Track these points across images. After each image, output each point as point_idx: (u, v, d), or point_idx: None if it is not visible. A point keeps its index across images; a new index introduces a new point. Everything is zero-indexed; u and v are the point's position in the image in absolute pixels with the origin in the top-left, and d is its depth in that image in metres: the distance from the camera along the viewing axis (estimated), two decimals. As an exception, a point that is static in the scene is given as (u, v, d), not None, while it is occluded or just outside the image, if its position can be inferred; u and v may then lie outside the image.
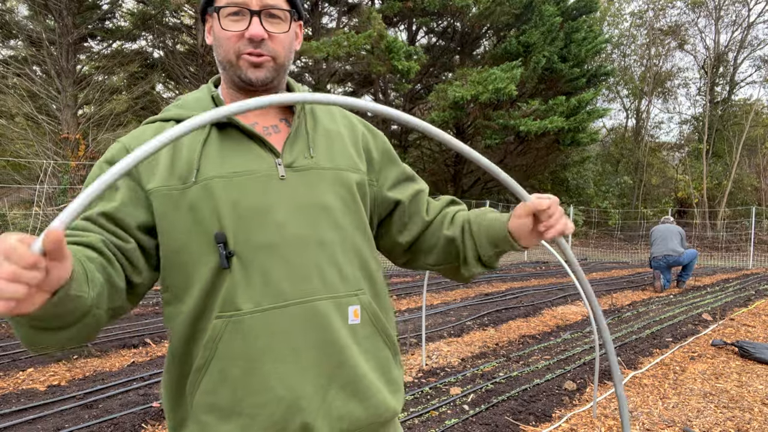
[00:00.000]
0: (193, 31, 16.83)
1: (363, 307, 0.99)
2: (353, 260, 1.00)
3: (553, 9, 17.60)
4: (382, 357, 1.02)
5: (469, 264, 1.08)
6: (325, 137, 1.04)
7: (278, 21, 0.99)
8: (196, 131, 0.95)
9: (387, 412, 1.01)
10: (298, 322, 0.92)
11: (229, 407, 0.92)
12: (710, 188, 24.54)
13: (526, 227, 0.97)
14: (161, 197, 0.93)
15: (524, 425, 2.98)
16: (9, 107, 13.90)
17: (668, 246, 8.55)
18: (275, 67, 1.00)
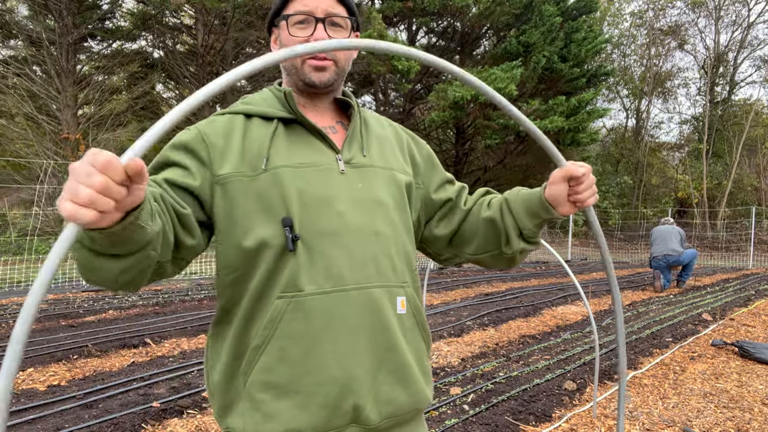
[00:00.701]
0: (193, 31, 16.82)
1: (408, 299, 1.06)
2: (401, 254, 1.07)
3: (553, 9, 17.60)
4: (419, 349, 1.08)
5: (512, 241, 1.10)
6: (377, 140, 1.14)
7: (340, 28, 1.07)
8: (264, 125, 1.05)
9: (425, 402, 1.07)
10: (356, 306, 0.98)
11: (286, 385, 0.96)
12: (710, 188, 24.54)
13: (563, 193, 1.00)
14: (233, 182, 0.99)
15: (524, 425, 2.98)
16: (9, 107, 13.90)
17: (668, 246, 8.58)
18: (336, 71, 1.08)
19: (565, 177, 0.98)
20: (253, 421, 0.97)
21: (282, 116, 1.06)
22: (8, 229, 11.89)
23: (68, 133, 14.09)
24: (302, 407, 0.95)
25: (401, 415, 1.03)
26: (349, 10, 1.09)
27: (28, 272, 8.52)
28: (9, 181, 14.47)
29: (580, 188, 0.98)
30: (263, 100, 1.10)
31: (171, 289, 7.78)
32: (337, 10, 1.06)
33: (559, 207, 1.02)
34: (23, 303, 0.67)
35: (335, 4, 1.06)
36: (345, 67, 1.10)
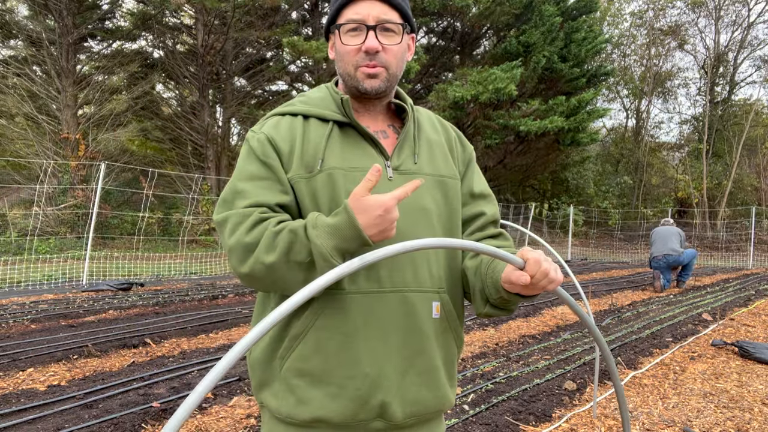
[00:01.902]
0: (193, 31, 16.82)
1: (443, 304, 1.08)
2: (440, 260, 1.09)
3: (553, 9, 17.59)
4: (450, 353, 1.12)
5: (476, 303, 1.09)
6: (428, 145, 1.15)
7: (392, 34, 1.08)
8: (321, 126, 1.09)
9: (448, 405, 1.11)
10: (391, 307, 1.02)
11: (320, 375, 1.01)
12: (710, 188, 24.54)
13: (517, 289, 0.96)
14: (296, 184, 1.05)
15: (524, 425, 2.98)
16: (9, 107, 13.90)
17: (668, 246, 8.59)
18: (388, 77, 1.09)
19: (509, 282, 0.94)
20: (287, 404, 1.03)
21: (337, 119, 1.09)
22: (8, 229, 11.88)
23: (68, 133, 14.08)
24: (333, 397, 1.00)
25: (424, 415, 1.07)
26: (402, 15, 1.10)
27: (28, 272, 8.52)
28: (9, 181, 14.47)
29: (533, 281, 0.91)
30: (321, 101, 1.13)
31: (171, 289, 7.78)
32: (389, 15, 1.07)
33: (522, 292, 0.97)
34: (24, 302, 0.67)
35: (388, 10, 1.07)
36: (397, 72, 1.11)
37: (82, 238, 11.94)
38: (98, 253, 10.54)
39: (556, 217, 22.53)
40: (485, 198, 1.23)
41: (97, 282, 8.06)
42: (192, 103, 17.36)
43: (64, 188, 13.38)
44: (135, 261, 10.62)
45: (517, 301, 1.04)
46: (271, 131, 1.08)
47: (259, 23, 16.34)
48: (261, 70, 18.34)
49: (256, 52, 18.81)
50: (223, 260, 11.54)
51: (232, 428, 2.88)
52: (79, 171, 13.58)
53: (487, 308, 1.07)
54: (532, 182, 25.09)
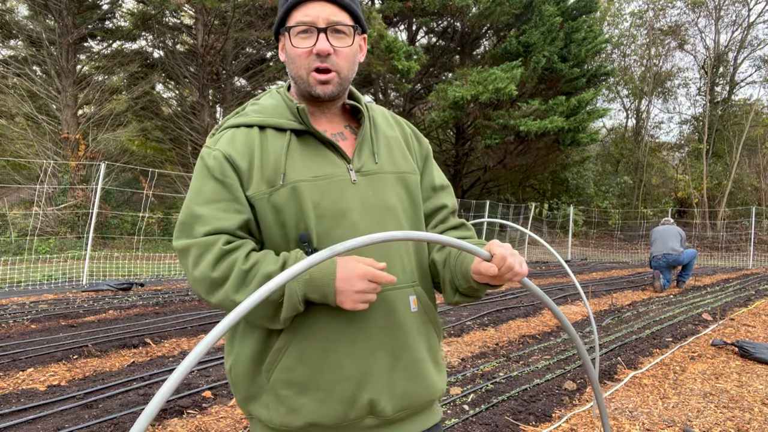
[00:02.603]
0: (193, 31, 16.82)
1: (419, 296, 1.11)
2: (411, 254, 1.12)
3: (553, 9, 17.59)
4: (432, 342, 1.14)
5: (446, 292, 1.14)
6: (386, 143, 1.16)
7: (343, 36, 1.07)
8: (278, 137, 1.08)
9: (438, 392, 1.14)
10: (371, 309, 1.03)
11: (306, 383, 1.03)
12: (710, 188, 24.53)
13: (487, 280, 1.01)
14: (256, 201, 1.04)
15: (524, 425, 2.98)
16: (9, 107, 13.90)
17: (668, 245, 8.59)
18: (340, 82, 1.09)
19: (475, 273, 1.00)
20: (278, 414, 1.05)
21: (294, 127, 1.08)
22: (8, 229, 11.88)
23: (68, 133, 14.08)
24: (322, 402, 1.03)
25: (414, 407, 1.09)
26: (353, 16, 1.09)
27: (28, 272, 8.52)
28: (9, 181, 14.46)
29: (499, 273, 0.96)
30: (275, 109, 1.11)
31: (171, 289, 7.77)
32: (340, 17, 1.06)
33: (490, 282, 1.02)
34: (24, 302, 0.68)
35: (338, 11, 1.06)
36: (349, 75, 1.11)
37: (82, 238, 11.94)
38: (98, 253, 10.54)
39: (556, 217, 22.54)
40: (444, 190, 1.25)
41: (97, 282, 8.06)
42: (192, 103, 17.36)
43: (64, 188, 13.38)
44: (135, 261, 10.62)
45: (484, 289, 1.07)
46: (227, 148, 1.06)
47: (259, 23, 16.33)
48: (261, 70, 18.34)
49: (256, 52, 18.81)
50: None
51: (232, 428, 2.88)
52: (79, 171, 13.58)
53: (457, 297, 1.12)
54: (532, 182, 25.09)
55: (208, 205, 1.03)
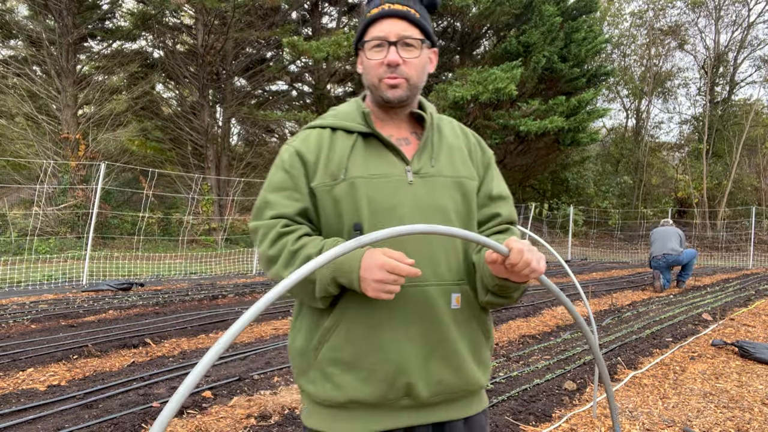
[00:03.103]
0: (193, 31, 16.82)
1: (463, 295, 1.19)
2: (459, 254, 1.20)
3: (553, 9, 17.58)
4: (475, 339, 1.22)
5: (479, 292, 1.20)
6: (448, 150, 1.26)
7: (412, 48, 1.19)
8: (346, 138, 1.22)
9: (474, 385, 1.22)
10: (411, 301, 1.13)
11: (352, 362, 1.14)
12: (710, 188, 24.53)
13: (502, 272, 1.07)
14: (318, 192, 1.19)
15: (524, 425, 2.98)
16: (9, 107, 13.90)
17: (668, 245, 8.59)
18: (409, 87, 1.21)
19: (489, 262, 1.06)
20: (324, 389, 1.16)
21: (361, 131, 1.22)
22: (8, 229, 11.88)
23: (68, 133, 14.08)
24: (364, 381, 1.13)
25: (450, 393, 1.18)
26: (422, 31, 1.21)
27: (28, 272, 8.52)
28: (9, 181, 14.47)
29: (515, 269, 1.02)
30: (347, 114, 1.26)
31: (171, 289, 7.77)
32: (410, 32, 1.19)
33: (510, 277, 1.08)
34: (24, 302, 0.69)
35: (408, 26, 1.19)
36: (418, 83, 1.22)
37: (82, 238, 11.93)
38: (98, 253, 10.54)
39: (556, 217, 22.54)
40: (503, 200, 1.31)
41: (97, 282, 8.06)
42: (192, 103, 17.36)
43: (64, 188, 13.38)
44: (135, 261, 10.62)
45: (510, 288, 1.13)
46: (300, 145, 1.23)
47: (259, 23, 16.33)
48: (261, 70, 18.33)
49: (256, 52, 18.80)
50: (223, 260, 11.54)
51: (232, 428, 2.88)
52: (79, 171, 13.58)
53: (488, 296, 1.17)
54: (532, 182, 25.08)
55: (275, 192, 1.21)
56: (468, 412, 1.23)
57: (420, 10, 1.22)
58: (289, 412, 3.09)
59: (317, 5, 19.53)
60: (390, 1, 1.20)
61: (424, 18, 1.22)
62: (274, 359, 4.17)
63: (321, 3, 19.78)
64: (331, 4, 20.30)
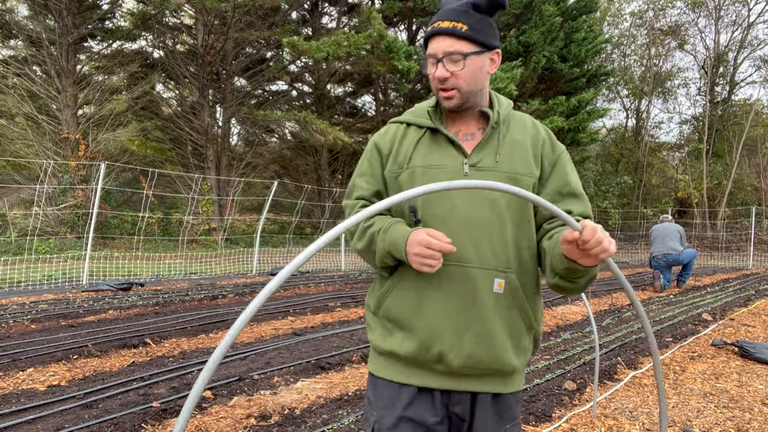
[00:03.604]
0: (193, 31, 16.81)
1: (508, 281, 1.28)
2: (507, 244, 1.29)
3: (553, 9, 17.58)
4: (515, 325, 1.30)
5: (547, 275, 1.30)
6: (511, 146, 1.35)
7: (459, 62, 1.30)
8: (416, 132, 1.39)
9: (507, 366, 1.30)
10: (452, 278, 1.27)
11: (399, 322, 1.32)
12: (710, 188, 24.53)
13: (573, 252, 1.14)
14: (388, 178, 1.39)
15: (524, 425, 2.98)
16: (9, 107, 13.89)
17: (668, 245, 8.53)
18: (461, 95, 1.33)
19: (566, 241, 1.12)
20: (377, 338, 1.38)
21: (429, 126, 1.37)
22: (8, 229, 11.88)
23: (68, 133, 14.08)
24: (404, 340, 1.30)
25: (480, 369, 1.28)
26: (473, 42, 1.30)
27: (28, 272, 8.52)
28: (9, 181, 14.47)
29: (587, 247, 1.09)
30: (421, 111, 1.43)
31: (171, 289, 7.77)
32: (456, 47, 1.29)
33: (579, 260, 1.14)
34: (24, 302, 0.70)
35: (454, 42, 1.29)
36: (471, 89, 1.33)
37: (82, 238, 11.93)
38: (98, 253, 10.54)
39: (556, 217, 22.48)
40: (575, 197, 1.37)
41: (97, 282, 8.06)
42: (192, 103, 17.36)
43: (64, 188, 13.38)
44: (135, 261, 10.62)
45: (578, 272, 1.19)
46: (378, 138, 1.44)
47: (259, 23, 16.33)
48: (261, 70, 18.33)
49: (256, 52, 18.80)
50: (223, 260, 11.54)
51: (232, 428, 2.88)
52: (79, 171, 13.58)
53: (555, 279, 1.26)
54: (532, 182, 25.02)
55: (359, 177, 1.44)
56: (498, 389, 1.32)
57: (469, 21, 1.31)
58: (289, 412, 3.09)
59: (317, 5, 19.54)
60: (441, 18, 1.32)
61: (473, 29, 1.30)
62: (274, 359, 4.17)
63: (321, 3, 19.79)
64: (331, 4, 20.31)
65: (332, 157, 21.04)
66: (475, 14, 1.33)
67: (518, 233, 1.31)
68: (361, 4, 18.77)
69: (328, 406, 3.22)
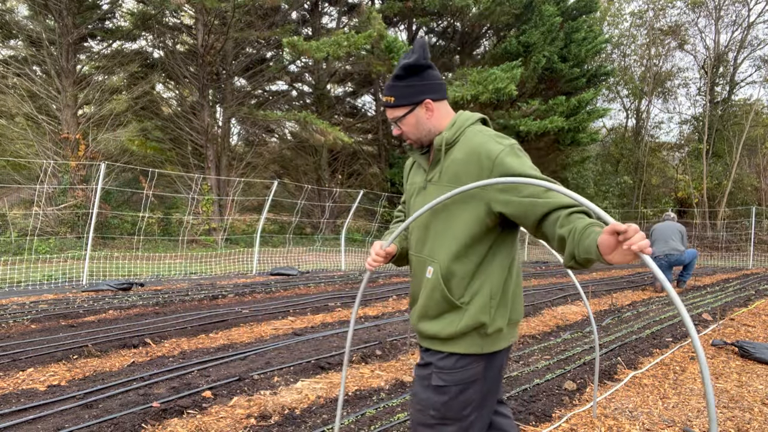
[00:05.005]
0: (193, 31, 16.81)
1: (435, 270, 1.68)
2: (438, 240, 1.68)
3: (553, 9, 17.58)
4: (439, 305, 1.69)
5: (565, 258, 1.46)
6: (453, 165, 1.67)
7: (402, 120, 1.74)
8: (411, 160, 1.95)
9: (438, 335, 1.69)
10: (415, 265, 1.79)
11: (411, 293, 1.87)
12: (710, 188, 24.52)
13: (611, 242, 1.27)
14: (406, 192, 1.95)
15: (524, 425, 2.98)
16: (9, 107, 13.89)
17: (669, 245, 8.44)
18: (414, 140, 1.79)
19: (610, 231, 1.27)
20: None
21: (415, 157, 1.86)
22: (8, 229, 11.89)
23: (68, 133, 14.08)
24: (412, 304, 1.85)
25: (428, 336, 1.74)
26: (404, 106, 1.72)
27: (28, 272, 8.52)
28: (9, 181, 14.47)
29: (628, 235, 1.23)
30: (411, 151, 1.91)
31: (171, 289, 7.77)
32: (393, 115, 1.75)
33: (607, 255, 1.29)
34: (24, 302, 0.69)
35: (391, 111, 1.75)
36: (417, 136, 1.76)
37: (82, 238, 11.94)
38: (98, 253, 10.54)
39: (556, 217, 22.48)
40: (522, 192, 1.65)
41: (97, 282, 8.06)
42: (192, 103, 17.35)
43: (64, 188, 13.38)
44: (135, 261, 10.62)
45: (592, 263, 1.40)
46: (406, 165, 2.01)
47: (259, 23, 16.33)
48: (261, 70, 18.33)
49: (256, 52, 18.80)
50: (223, 260, 11.54)
51: (232, 428, 2.88)
52: (79, 171, 13.58)
53: (572, 263, 1.44)
54: (532, 182, 25.01)
55: None
56: (425, 344, 1.75)
57: (395, 93, 1.70)
58: (289, 412, 3.09)
59: (317, 5, 19.54)
60: (382, 93, 1.83)
61: (398, 97, 1.70)
62: (274, 359, 4.17)
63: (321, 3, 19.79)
64: (331, 4, 20.31)
65: (332, 157, 21.04)
66: (399, 84, 1.69)
67: (460, 231, 1.63)
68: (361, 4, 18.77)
69: (328, 406, 3.22)
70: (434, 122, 1.71)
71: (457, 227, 1.62)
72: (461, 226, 1.62)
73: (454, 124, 1.70)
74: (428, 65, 1.69)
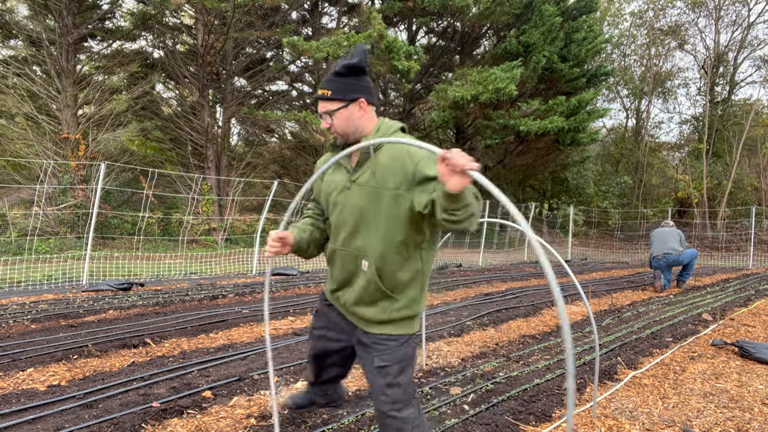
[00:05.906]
0: (193, 31, 16.81)
1: (369, 263, 1.88)
2: (374, 237, 1.86)
3: (553, 9, 17.57)
4: (375, 295, 1.92)
5: (437, 212, 1.66)
6: (380, 168, 1.84)
7: (334, 113, 1.87)
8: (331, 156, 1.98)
9: (371, 320, 1.95)
10: (344, 258, 1.96)
11: (332, 280, 2.07)
12: (710, 188, 24.52)
13: (443, 170, 1.50)
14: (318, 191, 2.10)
15: (524, 425, 2.98)
16: (9, 107, 13.89)
17: (668, 245, 8.53)
18: (341, 136, 1.92)
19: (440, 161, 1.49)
20: (327, 288, 2.15)
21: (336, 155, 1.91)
22: (8, 229, 11.88)
23: (68, 133, 14.07)
24: (334, 288, 2.07)
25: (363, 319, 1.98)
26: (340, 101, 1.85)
27: (28, 272, 8.52)
28: (9, 181, 14.47)
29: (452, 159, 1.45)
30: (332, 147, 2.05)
31: (171, 289, 7.77)
32: (328, 107, 1.87)
33: (446, 183, 1.50)
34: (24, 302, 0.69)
35: (325, 104, 1.87)
36: (345, 132, 1.90)
37: (82, 238, 11.93)
38: (98, 253, 10.54)
39: (556, 217, 22.54)
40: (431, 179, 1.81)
41: (97, 282, 8.06)
42: (192, 103, 17.35)
43: (64, 188, 13.38)
44: (135, 261, 10.62)
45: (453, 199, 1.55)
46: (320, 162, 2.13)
47: (259, 23, 16.32)
48: (261, 70, 18.33)
49: (256, 52, 18.80)
50: (223, 260, 11.54)
51: (232, 428, 2.88)
52: (79, 171, 13.58)
53: (443, 214, 1.62)
54: (532, 182, 25.08)
55: None
56: (361, 326, 1.99)
57: (332, 87, 1.84)
58: (289, 412, 3.09)
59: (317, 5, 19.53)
60: (319, 86, 1.90)
61: (335, 91, 1.84)
62: (274, 359, 4.17)
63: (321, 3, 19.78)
64: (331, 4, 20.30)
65: (332, 157, 21.01)
66: (338, 80, 1.84)
67: (388, 228, 1.83)
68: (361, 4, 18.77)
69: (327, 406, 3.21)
70: (363, 122, 1.87)
71: (390, 224, 1.82)
72: (393, 223, 1.82)
73: (379, 129, 1.90)
74: (366, 70, 1.89)
